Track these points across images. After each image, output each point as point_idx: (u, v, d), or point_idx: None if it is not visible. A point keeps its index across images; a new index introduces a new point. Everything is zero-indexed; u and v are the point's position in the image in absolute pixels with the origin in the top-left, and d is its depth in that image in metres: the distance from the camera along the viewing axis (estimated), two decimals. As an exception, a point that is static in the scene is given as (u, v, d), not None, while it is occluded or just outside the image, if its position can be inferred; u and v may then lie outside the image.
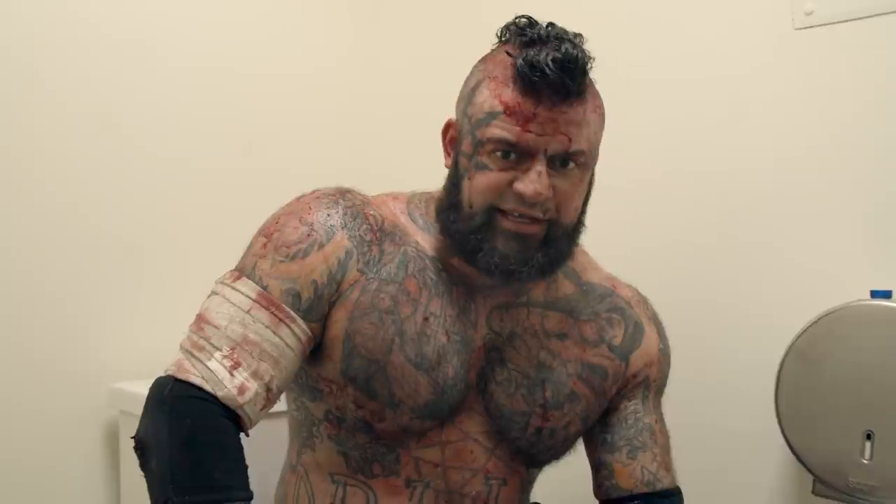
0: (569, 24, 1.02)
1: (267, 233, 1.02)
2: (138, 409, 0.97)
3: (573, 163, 0.98)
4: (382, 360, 1.01)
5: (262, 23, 1.92)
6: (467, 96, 1.02)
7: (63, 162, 1.59)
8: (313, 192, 1.07)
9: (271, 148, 1.92)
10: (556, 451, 1.12)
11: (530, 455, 1.10)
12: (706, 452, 1.52)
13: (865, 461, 1.27)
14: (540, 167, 0.95)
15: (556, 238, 1.00)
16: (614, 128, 1.62)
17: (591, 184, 1.06)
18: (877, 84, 1.39)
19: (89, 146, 1.62)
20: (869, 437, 1.27)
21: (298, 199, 1.06)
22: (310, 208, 1.03)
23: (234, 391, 0.93)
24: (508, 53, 0.98)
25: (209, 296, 1.00)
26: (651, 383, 1.16)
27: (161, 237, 1.72)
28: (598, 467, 1.14)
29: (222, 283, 1.00)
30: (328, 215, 1.03)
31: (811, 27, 1.45)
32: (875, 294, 1.31)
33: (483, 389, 1.08)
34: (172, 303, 1.68)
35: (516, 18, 1.00)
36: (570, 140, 0.96)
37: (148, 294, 1.70)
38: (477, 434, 1.07)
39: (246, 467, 0.93)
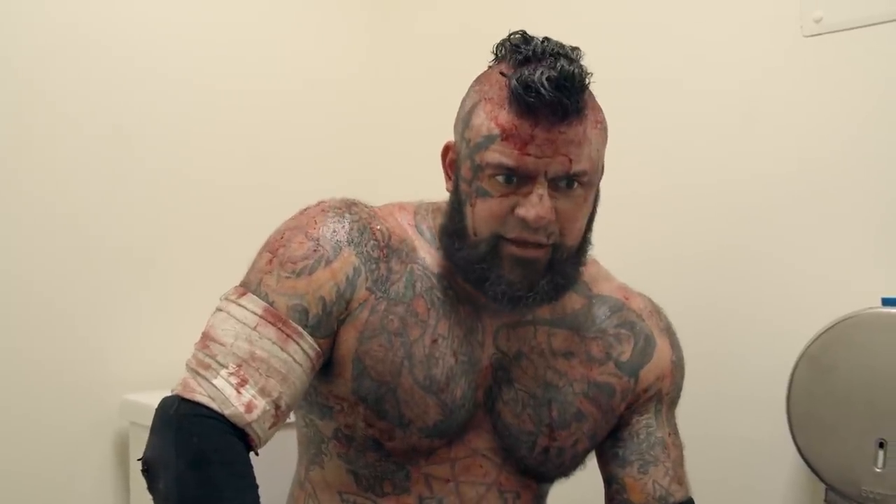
0: (576, 33, 1.01)
1: (272, 248, 1.00)
2: (149, 421, 0.95)
3: (577, 183, 0.96)
4: (392, 382, 0.99)
5: (270, 34, 1.92)
6: (464, 119, 1.00)
7: (71, 174, 1.59)
8: (318, 204, 1.05)
9: (280, 160, 1.92)
10: (565, 468, 1.11)
11: (539, 473, 1.09)
12: (718, 460, 1.52)
13: (878, 470, 1.26)
14: (541, 190, 0.93)
15: (561, 262, 0.98)
16: (623, 136, 1.62)
17: (596, 200, 1.03)
18: (885, 91, 1.39)
19: (100, 161, 1.63)
20: (882, 445, 1.26)
21: (303, 212, 1.04)
22: (315, 222, 1.01)
23: (242, 409, 0.90)
24: (503, 73, 0.95)
25: (214, 313, 0.98)
26: (664, 396, 1.14)
27: (171, 249, 1.73)
28: (609, 482, 1.12)
29: (227, 299, 0.98)
30: (334, 230, 1.01)
31: (820, 34, 1.45)
32: (886, 302, 1.31)
33: (491, 408, 1.07)
34: (182, 314, 1.68)
35: (511, 34, 0.98)
36: (570, 161, 0.93)
37: (158, 305, 1.70)
38: (485, 450, 1.07)
39: (256, 486, 0.91)
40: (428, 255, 1.06)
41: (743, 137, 1.54)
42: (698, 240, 1.59)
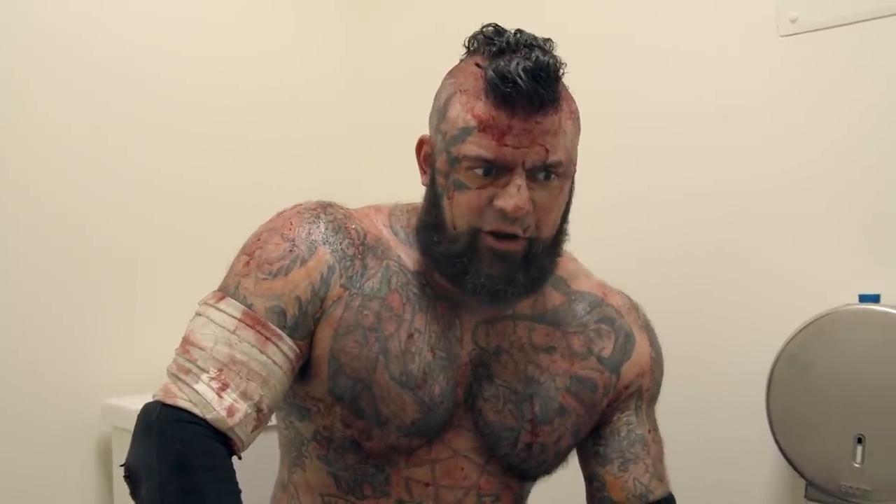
0: (552, 35, 1.02)
1: (249, 251, 1.00)
2: (131, 425, 0.94)
3: (553, 174, 0.96)
4: (367, 378, 0.99)
5: (253, 36, 1.93)
6: (439, 111, 0.99)
7: (56, 178, 1.59)
8: (294, 207, 1.05)
9: (265, 161, 1.93)
10: (548, 465, 1.10)
11: (522, 470, 1.08)
12: (699, 458, 1.53)
13: (857, 465, 1.27)
14: (519, 181, 0.93)
15: (537, 255, 0.98)
16: (601, 138, 1.64)
17: (570, 192, 1.03)
18: (861, 90, 1.41)
19: (83, 161, 1.63)
20: (860, 440, 1.27)
21: (279, 214, 1.05)
22: (291, 224, 1.01)
23: (224, 413, 0.90)
24: (478, 65, 0.95)
25: (193, 318, 0.97)
26: (644, 393, 1.13)
27: (154, 254, 1.73)
28: (590, 480, 1.12)
29: (206, 303, 0.97)
30: (309, 231, 1.01)
31: (796, 34, 1.47)
32: (863, 298, 1.32)
33: (471, 406, 1.05)
34: (166, 319, 1.66)
35: (483, 27, 0.98)
36: (547, 151, 0.94)
37: (142, 310, 1.70)
38: (467, 451, 1.05)
39: (239, 491, 0.90)
40: (403, 253, 1.06)
41: (720, 138, 1.56)
42: (675, 241, 1.60)
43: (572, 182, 1.02)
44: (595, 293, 1.14)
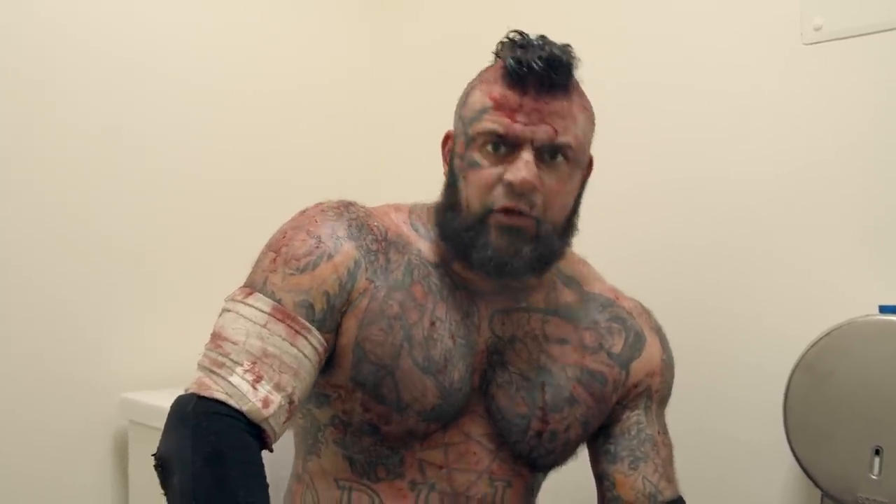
0: (579, 37, 1.04)
1: (275, 247, 1.03)
2: (148, 420, 0.97)
3: (561, 156, 1.01)
4: (391, 365, 1.02)
5: (270, 35, 1.93)
6: (462, 101, 1.07)
7: (71, 172, 1.61)
8: (317, 205, 1.09)
9: (283, 161, 1.93)
10: (557, 456, 1.12)
11: (531, 459, 1.10)
12: (713, 464, 1.52)
13: (874, 477, 1.26)
14: (527, 156, 0.98)
15: (546, 235, 1.02)
16: (623, 142, 1.64)
17: (583, 186, 1.08)
18: (884, 99, 1.40)
19: (99, 156, 1.64)
20: (878, 452, 1.26)
21: (303, 212, 1.08)
22: (316, 221, 1.05)
23: (259, 405, 0.92)
24: (498, 56, 1.03)
25: (221, 314, 1.00)
26: (653, 394, 1.16)
27: (170, 248, 1.73)
28: (600, 478, 1.14)
29: (234, 300, 1.00)
30: (334, 228, 1.04)
31: (820, 42, 1.46)
32: (883, 309, 1.31)
33: (485, 392, 1.09)
34: (183, 313, 1.68)
35: (509, 33, 1.04)
36: (556, 131, 0.99)
37: (158, 304, 1.71)
38: (479, 436, 1.08)
39: (267, 487, 0.92)
40: (423, 247, 1.10)
41: (742, 143, 1.55)
42: (697, 245, 1.60)
43: (584, 175, 1.08)
44: (607, 295, 1.18)
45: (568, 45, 1.02)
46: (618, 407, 1.14)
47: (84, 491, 1.62)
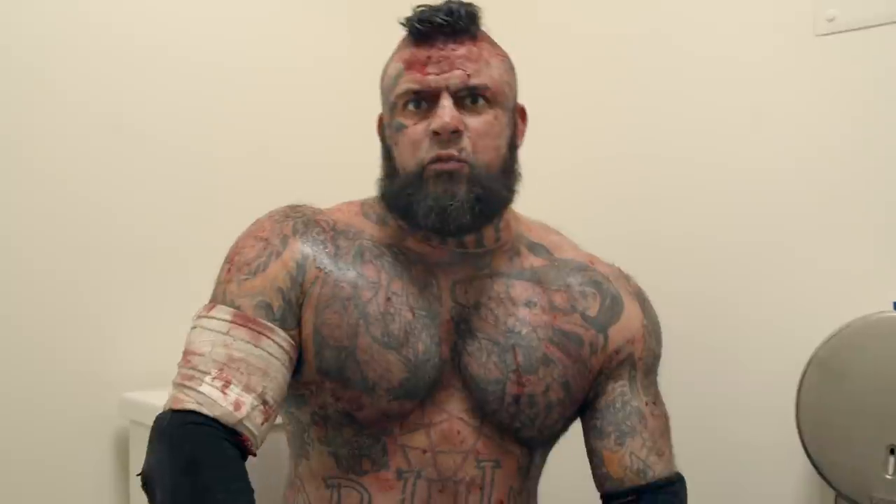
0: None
1: (229, 259, 1.08)
2: (149, 420, 0.97)
3: (482, 98, 1.04)
4: (350, 345, 1.03)
5: (280, 20, 1.90)
6: (381, 78, 1.11)
7: (71, 169, 1.58)
8: (267, 213, 1.13)
9: (287, 157, 1.89)
10: (542, 424, 1.09)
11: (516, 431, 1.08)
12: (726, 465, 1.50)
13: (889, 476, 1.25)
14: (445, 102, 1.01)
15: (480, 176, 1.03)
16: (630, 134, 1.62)
17: (515, 133, 1.10)
18: (898, 91, 1.38)
19: (101, 153, 1.60)
20: (892, 451, 1.25)
21: (254, 222, 1.12)
22: (264, 227, 1.10)
23: (231, 408, 0.95)
24: (403, 24, 1.07)
25: (190, 331, 1.04)
26: (637, 362, 1.13)
27: (172, 245, 1.70)
28: (590, 456, 1.12)
29: (199, 316, 1.04)
30: (281, 228, 1.09)
31: (832, 34, 1.44)
32: (898, 306, 1.30)
33: (458, 364, 1.08)
34: (185, 311, 1.62)
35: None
36: (468, 75, 1.02)
37: (161, 300, 1.68)
38: (460, 412, 1.07)
39: (251, 489, 0.94)
40: (376, 231, 1.12)
41: (753, 136, 1.53)
42: (707, 241, 1.58)
43: (515, 123, 1.11)
44: (581, 260, 1.17)
45: (472, 3, 1.06)
46: (602, 378, 1.12)
47: (84, 492, 1.60)
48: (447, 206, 1.02)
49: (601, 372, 1.12)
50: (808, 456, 1.32)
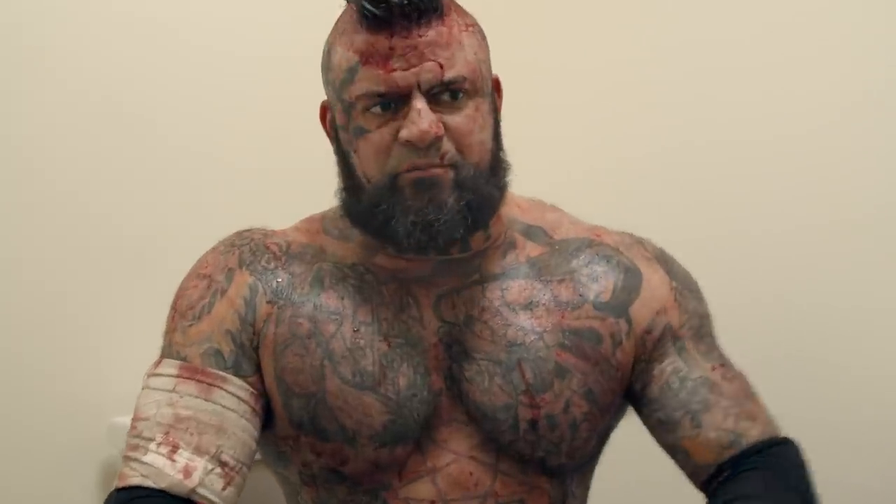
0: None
1: (174, 304, 1.01)
2: None
3: (460, 92, 0.91)
4: (318, 391, 0.95)
5: (277, 34, 1.82)
6: (325, 64, 0.97)
7: (72, 168, 1.55)
8: (213, 245, 1.06)
9: (287, 164, 1.80)
10: (570, 447, 0.98)
11: (539, 461, 0.97)
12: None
13: None
14: (419, 104, 0.88)
15: (469, 179, 0.92)
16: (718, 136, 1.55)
17: (496, 115, 0.99)
18: None
19: (97, 159, 1.57)
20: None
21: (199, 259, 1.05)
22: (207, 263, 1.03)
23: (180, 476, 0.88)
24: (348, 1, 0.94)
25: (139, 394, 0.96)
26: (678, 331, 1.01)
27: (162, 264, 1.57)
28: (672, 456, 0.99)
29: (147, 375, 0.97)
30: (225, 260, 1.01)
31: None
32: None
33: (457, 394, 0.98)
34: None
35: None
36: (441, 67, 0.89)
37: (154, 317, 1.56)
38: (470, 450, 0.97)
39: None
40: (339, 249, 1.03)
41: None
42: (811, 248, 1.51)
43: (494, 101, 0.99)
44: (585, 236, 1.06)
45: None
46: (641, 366, 1.01)
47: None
48: (433, 220, 0.91)
49: (638, 361, 1.01)
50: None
